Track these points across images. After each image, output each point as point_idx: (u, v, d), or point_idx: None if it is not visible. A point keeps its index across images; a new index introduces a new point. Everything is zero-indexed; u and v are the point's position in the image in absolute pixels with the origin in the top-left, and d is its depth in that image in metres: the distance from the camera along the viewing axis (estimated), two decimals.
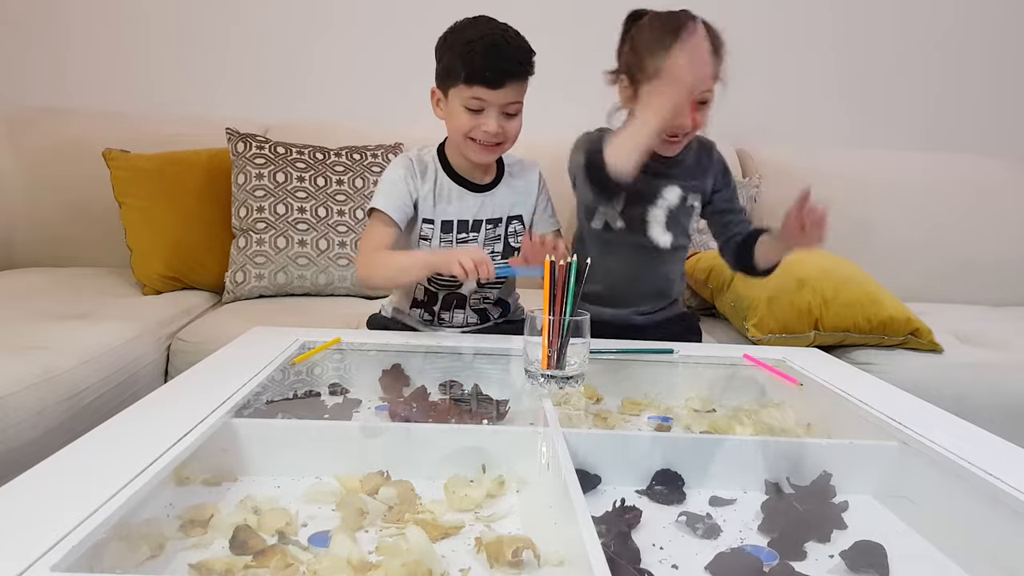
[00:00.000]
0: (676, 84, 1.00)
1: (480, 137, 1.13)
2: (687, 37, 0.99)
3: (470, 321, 1.29)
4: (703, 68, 1.03)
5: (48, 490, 0.56)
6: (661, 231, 1.26)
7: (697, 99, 1.12)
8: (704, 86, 1.11)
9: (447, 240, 1.22)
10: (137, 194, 1.68)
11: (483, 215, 1.23)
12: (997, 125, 2.31)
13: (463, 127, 1.13)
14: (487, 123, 1.11)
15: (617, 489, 0.75)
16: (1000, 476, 0.67)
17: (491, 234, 1.25)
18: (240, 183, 1.66)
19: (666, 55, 1.04)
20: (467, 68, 1.09)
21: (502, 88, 1.09)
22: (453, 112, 1.14)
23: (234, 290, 1.62)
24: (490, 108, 1.11)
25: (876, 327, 1.42)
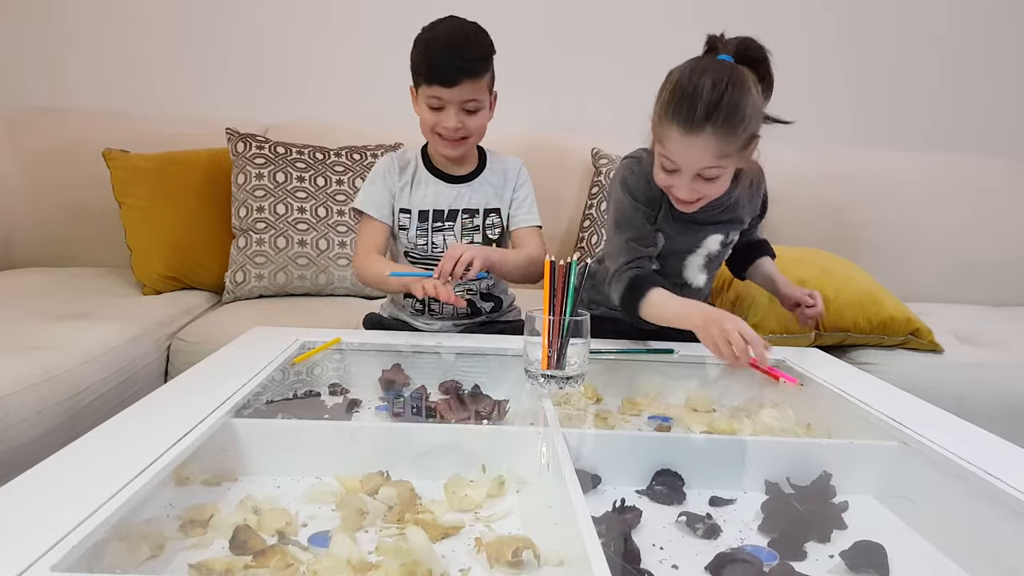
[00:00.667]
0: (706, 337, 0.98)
1: (442, 132, 1.18)
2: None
3: (459, 312, 1.30)
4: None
5: (48, 490, 0.56)
6: (697, 272, 1.21)
7: (701, 174, 1.02)
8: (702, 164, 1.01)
9: (423, 229, 1.25)
10: (137, 194, 1.68)
11: (459, 205, 1.26)
12: (997, 125, 2.31)
13: (427, 123, 1.19)
14: (447, 120, 1.16)
15: (617, 489, 0.75)
16: (1000, 476, 0.67)
17: (468, 225, 1.27)
18: (240, 183, 1.66)
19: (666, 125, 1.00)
20: (425, 68, 1.15)
21: (457, 86, 1.14)
22: (420, 108, 1.20)
23: (234, 290, 1.62)
24: (449, 105, 1.16)
25: (876, 327, 1.42)
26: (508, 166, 1.31)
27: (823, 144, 2.22)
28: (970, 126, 2.31)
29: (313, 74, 2.13)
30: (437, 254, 1.24)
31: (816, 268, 1.49)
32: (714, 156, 0.99)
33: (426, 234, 1.26)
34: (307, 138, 1.77)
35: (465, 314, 1.30)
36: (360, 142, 1.79)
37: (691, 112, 0.96)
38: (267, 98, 2.12)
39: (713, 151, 0.98)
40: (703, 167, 1.01)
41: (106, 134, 1.80)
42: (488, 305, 1.32)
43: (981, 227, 2.03)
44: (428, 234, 1.26)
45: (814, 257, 1.58)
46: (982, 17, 2.26)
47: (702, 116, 0.96)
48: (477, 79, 1.15)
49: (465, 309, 1.29)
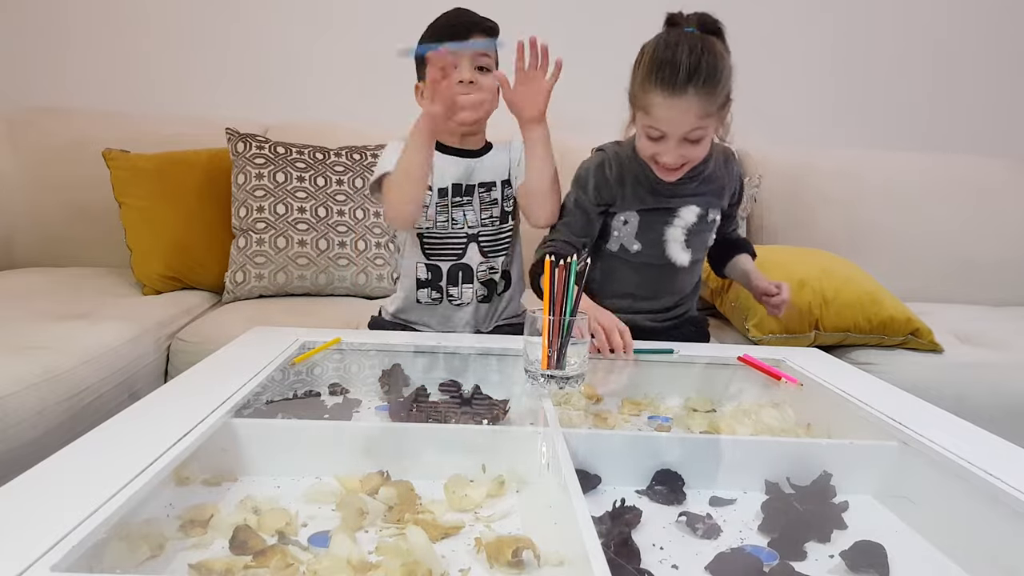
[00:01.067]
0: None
1: (459, 90, 1.16)
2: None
3: (479, 295, 1.29)
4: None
5: (48, 490, 0.56)
6: (680, 250, 1.23)
7: (687, 138, 1.08)
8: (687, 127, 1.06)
9: (443, 205, 1.25)
10: (137, 194, 1.68)
11: (475, 179, 1.26)
12: (997, 125, 2.31)
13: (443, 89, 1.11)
14: (461, 73, 1.16)
15: (617, 489, 0.75)
16: (1000, 476, 0.67)
17: (486, 199, 1.27)
18: (240, 183, 1.66)
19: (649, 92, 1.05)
20: (434, 35, 1.17)
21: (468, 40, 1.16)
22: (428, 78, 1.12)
23: (234, 290, 1.62)
24: (461, 59, 1.16)
25: (876, 327, 1.42)
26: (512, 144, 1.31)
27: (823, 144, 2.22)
28: (970, 126, 2.31)
29: (313, 74, 2.13)
30: (457, 230, 1.26)
31: (816, 268, 1.49)
32: (697, 117, 1.04)
33: (446, 210, 1.25)
34: (307, 138, 1.77)
35: (483, 298, 1.30)
36: (360, 142, 1.79)
37: (673, 76, 1.02)
38: (267, 98, 2.12)
39: (696, 112, 1.04)
40: (688, 129, 1.06)
41: (106, 134, 1.80)
42: (503, 284, 1.33)
43: (981, 227, 2.04)
44: (448, 210, 1.25)
45: (814, 257, 1.58)
46: (981, 18, 2.26)
47: (684, 79, 1.02)
48: (486, 36, 1.17)
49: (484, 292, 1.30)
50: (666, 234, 1.22)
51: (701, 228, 1.24)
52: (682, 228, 1.22)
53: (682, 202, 1.21)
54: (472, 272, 1.28)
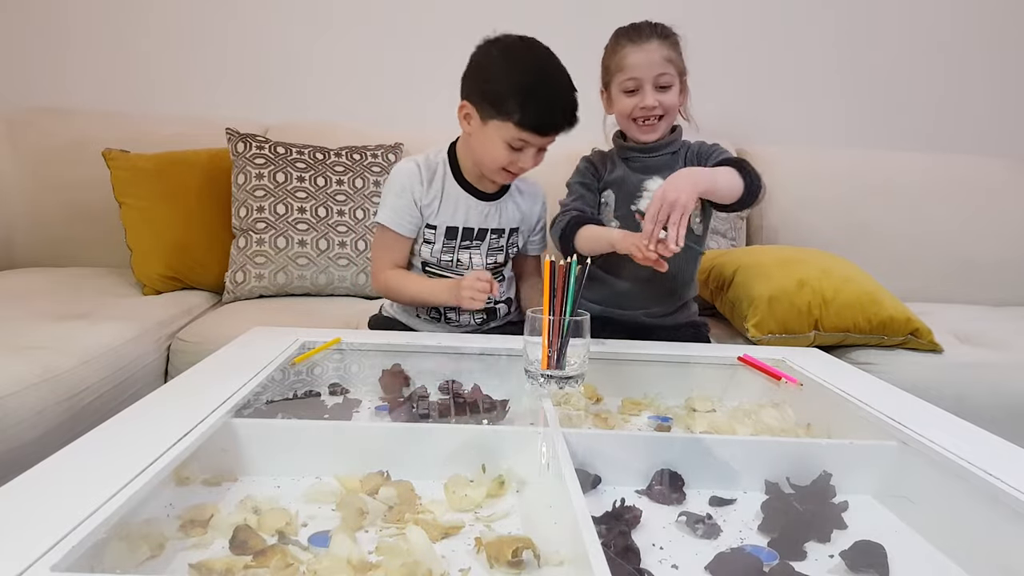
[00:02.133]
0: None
1: (513, 170, 1.17)
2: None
3: (477, 319, 1.29)
4: None
5: (48, 490, 0.56)
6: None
7: (657, 82, 1.21)
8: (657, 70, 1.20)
9: (450, 246, 1.23)
10: (137, 194, 1.68)
11: (489, 224, 1.25)
12: (997, 125, 2.31)
13: (500, 160, 1.15)
14: (525, 161, 1.15)
15: (617, 489, 0.75)
16: (1000, 476, 0.67)
17: (494, 244, 1.26)
18: (240, 183, 1.66)
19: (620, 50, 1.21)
20: (522, 114, 1.10)
21: (549, 136, 1.14)
22: (491, 142, 1.14)
23: (234, 290, 1.62)
24: (530, 148, 1.14)
25: (876, 327, 1.42)
26: (535, 191, 1.33)
27: (823, 144, 2.22)
28: (970, 126, 2.31)
29: (313, 74, 2.13)
30: (460, 271, 1.25)
31: (816, 268, 1.48)
32: (663, 60, 1.20)
33: (452, 251, 1.24)
34: (307, 138, 1.77)
35: (481, 321, 1.30)
36: (360, 142, 1.79)
37: (639, 31, 1.22)
38: (267, 98, 2.12)
39: (662, 55, 1.21)
40: (657, 72, 1.20)
41: (106, 134, 1.80)
42: (504, 308, 1.32)
43: (981, 227, 2.03)
44: (455, 251, 1.24)
45: (814, 257, 1.58)
46: (982, 18, 2.26)
47: (648, 31, 1.22)
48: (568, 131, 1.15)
49: (482, 316, 1.29)
50: (637, 206, 1.27)
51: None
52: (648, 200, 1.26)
53: (647, 176, 1.28)
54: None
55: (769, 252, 1.70)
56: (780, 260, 1.55)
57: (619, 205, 1.29)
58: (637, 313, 1.30)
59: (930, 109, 2.30)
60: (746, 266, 1.52)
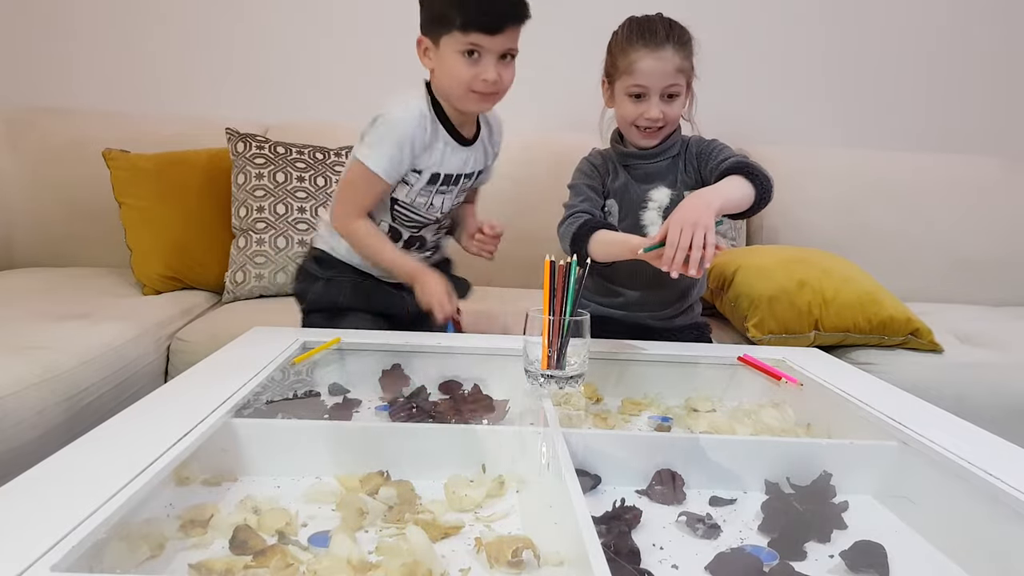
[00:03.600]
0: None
1: (478, 87, 1.10)
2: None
3: (426, 256, 1.31)
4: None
5: (48, 490, 0.56)
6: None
7: (665, 92, 1.17)
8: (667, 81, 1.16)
9: (427, 191, 1.21)
10: (137, 194, 1.68)
11: (466, 169, 1.24)
12: (996, 125, 2.31)
13: (462, 76, 1.09)
14: (486, 71, 1.08)
15: (617, 489, 0.75)
16: (1000, 476, 0.67)
17: (464, 186, 1.26)
18: (240, 183, 1.66)
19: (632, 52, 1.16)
20: (463, 14, 1.06)
21: (502, 33, 1.07)
22: (447, 62, 1.10)
23: (234, 290, 1.62)
24: (487, 55, 1.09)
25: (876, 327, 1.42)
26: (493, 121, 1.28)
27: (823, 144, 2.22)
28: (970, 126, 2.31)
29: (313, 74, 2.13)
30: (429, 213, 1.24)
31: (816, 268, 1.49)
32: (675, 70, 1.16)
33: (428, 195, 1.22)
34: (307, 138, 1.77)
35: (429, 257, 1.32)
36: None
37: (654, 35, 1.16)
38: (267, 98, 2.12)
39: (675, 65, 1.16)
40: (667, 83, 1.17)
41: (106, 134, 1.80)
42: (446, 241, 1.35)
43: (982, 227, 2.03)
44: (431, 195, 1.22)
45: (814, 257, 1.58)
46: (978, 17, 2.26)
47: (663, 36, 1.16)
48: (519, 25, 1.09)
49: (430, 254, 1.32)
50: (642, 218, 1.25)
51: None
52: (656, 210, 1.25)
53: (650, 186, 1.26)
54: (426, 241, 1.29)
55: (769, 252, 1.70)
56: (780, 260, 1.55)
57: (623, 216, 1.26)
58: (642, 316, 1.29)
59: (930, 109, 2.30)
60: (746, 266, 1.52)
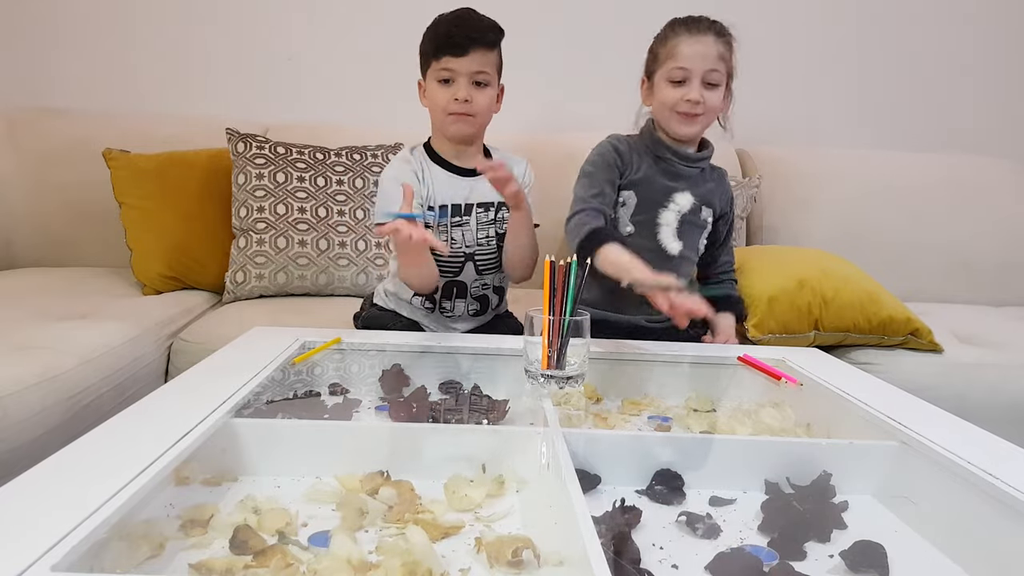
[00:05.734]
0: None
1: (453, 108, 1.17)
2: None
3: (471, 310, 1.30)
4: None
5: (48, 490, 0.56)
6: (671, 237, 1.27)
7: (706, 78, 1.19)
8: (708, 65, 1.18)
9: (442, 224, 1.24)
10: (137, 194, 1.68)
11: (473, 199, 1.25)
12: (997, 125, 2.31)
13: (439, 101, 1.18)
14: (458, 91, 1.16)
15: (617, 489, 0.75)
16: (1000, 476, 0.67)
17: (484, 219, 1.26)
18: (240, 183, 1.66)
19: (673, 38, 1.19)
20: (434, 42, 1.16)
21: (467, 55, 1.14)
22: (430, 91, 1.19)
23: (234, 290, 1.62)
24: (459, 78, 1.16)
25: (876, 327, 1.42)
26: (515, 164, 1.29)
27: (823, 144, 2.22)
28: (970, 126, 2.31)
29: (313, 74, 2.13)
30: (455, 249, 1.25)
31: (816, 268, 1.49)
32: (717, 56, 1.19)
33: (446, 230, 1.24)
34: (307, 138, 1.77)
35: (476, 311, 1.30)
36: (360, 142, 1.79)
37: (697, 22, 1.21)
38: (267, 98, 2.12)
39: (717, 51, 1.19)
40: (708, 68, 1.18)
41: (106, 134, 1.80)
42: (496, 299, 1.33)
43: (981, 227, 2.03)
44: (448, 230, 1.24)
45: (814, 257, 1.58)
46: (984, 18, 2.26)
47: (707, 25, 1.20)
48: (487, 50, 1.16)
49: (476, 306, 1.29)
50: (659, 216, 1.26)
51: (693, 221, 1.28)
52: (675, 212, 1.26)
53: (679, 188, 1.26)
54: (466, 288, 1.28)
55: (769, 252, 1.70)
56: (780, 260, 1.55)
57: (640, 209, 1.26)
58: (638, 317, 1.29)
59: (931, 109, 2.30)
60: (746, 266, 1.52)
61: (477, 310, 1.31)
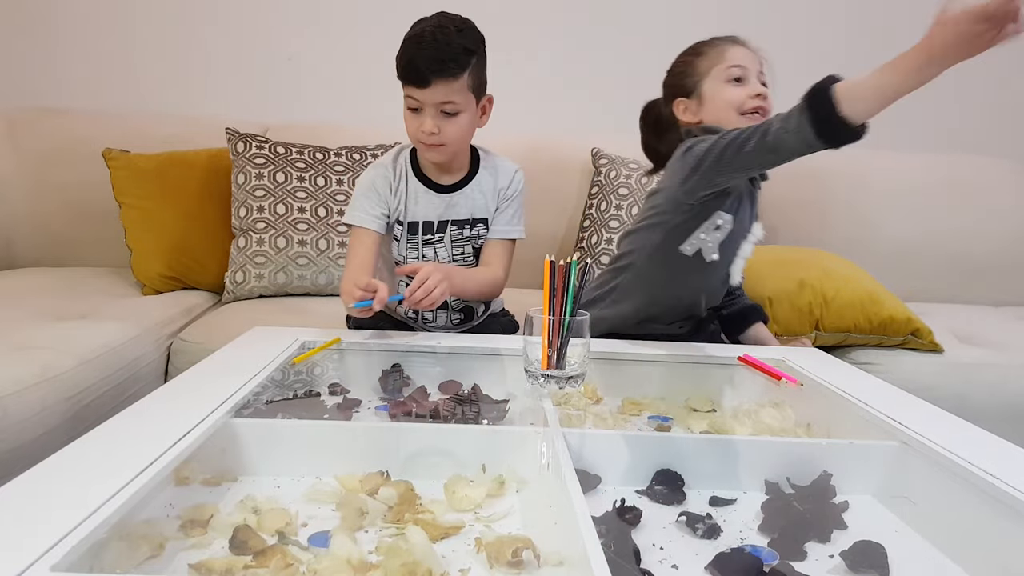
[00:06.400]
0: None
1: (422, 139, 1.13)
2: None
3: (454, 320, 1.29)
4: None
5: (48, 490, 0.56)
6: (737, 271, 1.22)
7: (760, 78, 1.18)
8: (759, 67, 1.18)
9: (413, 241, 1.22)
10: (137, 194, 1.68)
11: (448, 216, 1.21)
12: (998, 125, 2.31)
13: (409, 128, 1.14)
14: (424, 123, 1.11)
15: (617, 489, 0.75)
16: (1000, 476, 0.67)
17: (457, 236, 1.22)
18: (240, 183, 1.66)
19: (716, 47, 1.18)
20: (400, 69, 1.10)
21: (429, 87, 1.08)
22: (404, 115, 1.15)
23: (234, 290, 1.63)
24: (426, 107, 1.10)
25: (876, 327, 1.42)
26: (501, 172, 1.24)
27: None
28: (971, 126, 2.31)
29: (313, 74, 2.13)
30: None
31: (816, 268, 1.49)
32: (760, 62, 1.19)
33: (416, 247, 1.22)
34: (307, 138, 1.77)
35: (459, 321, 1.30)
36: (360, 142, 1.79)
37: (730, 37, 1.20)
38: (267, 98, 2.12)
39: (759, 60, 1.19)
40: (759, 69, 1.18)
41: (106, 134, 1.80)
42: (481, 307, 1.32)
43: (981, 227, 2.03)
44: (418, 247, 1.22)
45: (814, 257, 1.58)
46: None
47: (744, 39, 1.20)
48: (451, 79, 1.07)
49: (459, 316, 1.28)
50: (740, 249, 1.19)
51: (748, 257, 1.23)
52: (751, 245, 1.20)
53: (754, 215, 1.20)
54: (447, 302, 1.25)
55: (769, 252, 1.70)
56: (780, 260, 1.55)
57: (729, 238, 1.15)
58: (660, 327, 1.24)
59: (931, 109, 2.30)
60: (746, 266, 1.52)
61: (461, 319, 1.30)
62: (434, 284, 1.05)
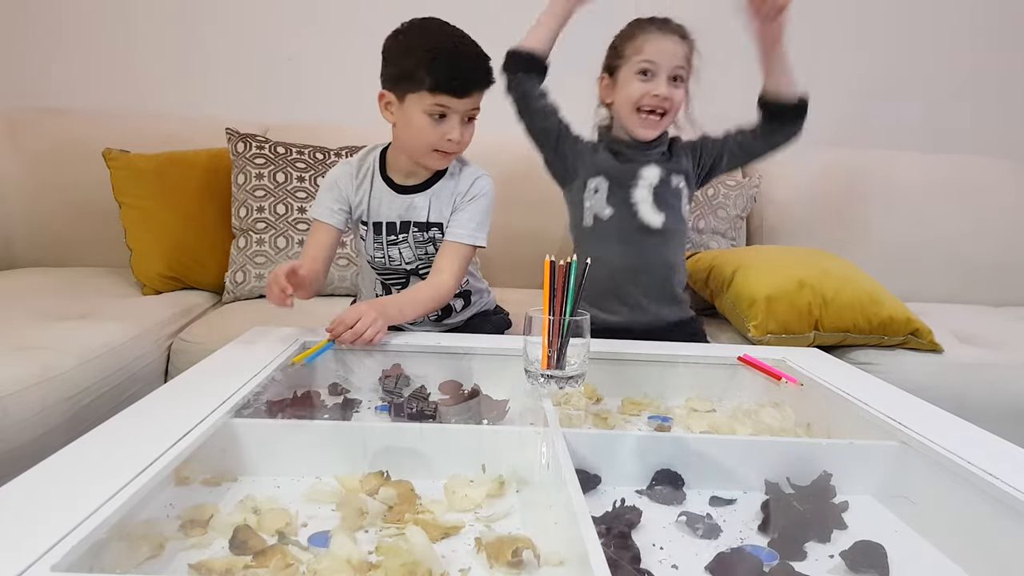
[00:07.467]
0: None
1: (443, 147, 1.13)
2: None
3: (431, 317, 1.29)
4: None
5: (48, 490, 0.56)
6: (651, 211, 1.29)
7: (672, 74, 1.23)
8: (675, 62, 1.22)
9: (378, 241, 1.23)
10: (137, 194, 1.68)
11: (409, 217, 1.21)
12: (998, 125, 2.31)
13: (426, 135, 1.12)
14: (451, 131, 1.11)
15: (617, 489, 0.75)
16: (1000, 476, 0.67)
17: (420, 238, 1.22)
18: (240, 183, 1.66)
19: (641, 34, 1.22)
20: (433, 77, 1.08)
21: (468, 97, 1.11)
22: (414, 120, 1.12)
23: (234, 290, 1.62)
24: (453, 116, 1.11)
25: (876, 327, 1.42)
26: (463, 177, 1.23)
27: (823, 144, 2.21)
28: (971, 126, 2.31)
29: (313, 74, 2.13)
30: (395, 267, 1.24)
31: (816, 268, 1.48)
32: (683, 55, 1.23)
33: (382, 247, 1.23)
34: (307, 138, 1.77)
35: (437, 318, 1.30)
36: (360, 142, 1.78)
37: (664, 22, 1.25)
38: (267, 98, 2.12)
39: (682, 52, 1.23)
40: (675, 64, 1.23)
41: (106, 134, 1.80)
42: (460, 303, 1.31)
43: (981, 227, 2.03)
44: (384, 247, 1.23)
45: (814, 257, 1.58)
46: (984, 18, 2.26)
47: (676, 26, 1.25)
48: (485, 88, 1.13)
49: (437, 313, 1.28)
50: (633, 196, 1.28)
51: (666, 191, 1.30)
52: (646, 188, 1.28)
53: (641, 165, 1.29)
54: None
55: (769, 252, 1.70)
56: (780, 260, 1.55)
57: (613, 192, 1.29)
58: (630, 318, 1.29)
59: (931, 109, 2.30)
60: (746, 266, 1.52)
61: (439, 316, 1.30)
62: (364, 327, 1.01)
